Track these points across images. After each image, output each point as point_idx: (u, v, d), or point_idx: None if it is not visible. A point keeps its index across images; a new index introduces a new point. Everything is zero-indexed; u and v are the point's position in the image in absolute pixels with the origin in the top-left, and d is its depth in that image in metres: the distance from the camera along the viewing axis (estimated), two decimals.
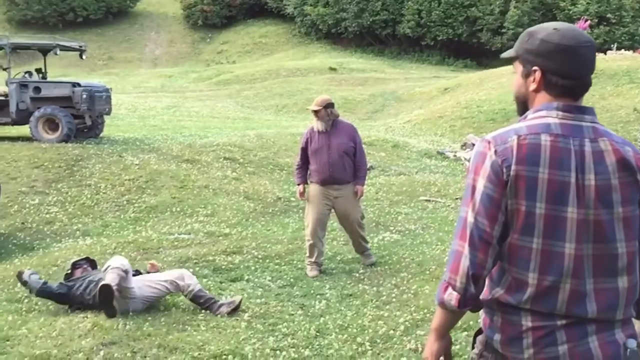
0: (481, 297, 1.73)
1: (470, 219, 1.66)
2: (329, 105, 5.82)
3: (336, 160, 5.76)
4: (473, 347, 1.83)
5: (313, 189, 5.92)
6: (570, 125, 1.67)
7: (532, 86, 1.74)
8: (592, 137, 1.66)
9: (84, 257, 5.42)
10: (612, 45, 24.87)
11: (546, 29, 1.74)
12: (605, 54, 21.37)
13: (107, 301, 4.40)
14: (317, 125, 5.85)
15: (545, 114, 1.69)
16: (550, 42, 1.70)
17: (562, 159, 1.61)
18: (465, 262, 1.66)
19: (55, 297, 4.83)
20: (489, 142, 1.67)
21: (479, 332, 1.83)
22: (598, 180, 1.63)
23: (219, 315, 4.65)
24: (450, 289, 1.71)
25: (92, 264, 5.25)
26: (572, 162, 1.62)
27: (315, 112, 5.83)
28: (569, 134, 1.65)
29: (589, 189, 1.62)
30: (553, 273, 1.62)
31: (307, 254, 5.91)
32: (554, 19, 31.72)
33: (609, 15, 29.68)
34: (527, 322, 1.65)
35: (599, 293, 1.63)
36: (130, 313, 4.70)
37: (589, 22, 24.63)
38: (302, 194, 6.06)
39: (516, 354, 1.67)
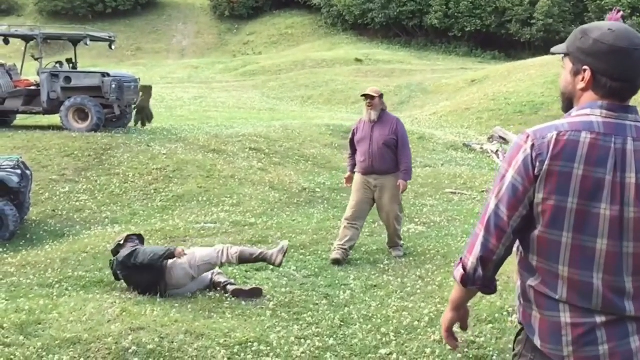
0: (517, 287, 1.77)
1: (492, 205, 1.72)
2: (382, 96, 6.10)
3: (376, 151, 5.91)
4: (514, 349, 1.84)
5: (356, 177, 6.14)
6: (614, 124, 1.66)
7: (580, 85, 1.73)
8: (635, 136, 1.65)
9: (137, 233, 5.58)
10: None
11: (601, 28, 1.71)
12: None
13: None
14: (368, 114, 6.00)
15: (590, 112, 1.69)
16: (603, 43, 1.68)
17: (600, 157, 1.61)
18: (478, 245, 1.73)
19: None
20: (528, 136, 1.69)
21: (520, 332, 1.83)
22: (639, 179, 1.62)
23: (277, 262, 5.00)
24: (461, 266, 1.79)
25: (141, 240, 5.44)
26: (610, 160, 1.61)
27: (372, 99, 5.97)
28: (611, 132, 1.64)
29: (629, 187, 1.61)
30: (584, 267, 1.62)
31: (337, 238, 6.08)
32: (585, 10, 31.16)
33: None
34: (565, 317, 1.65)
35: (639, 291, 1.63)
36: (158, 300, 4.79)
37: (621, 13, 24.12)
38: (347, 180, 6.34)
39: (556, 351, 1.66)
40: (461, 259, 1.80)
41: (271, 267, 5.72)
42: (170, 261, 4.90)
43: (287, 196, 8.94)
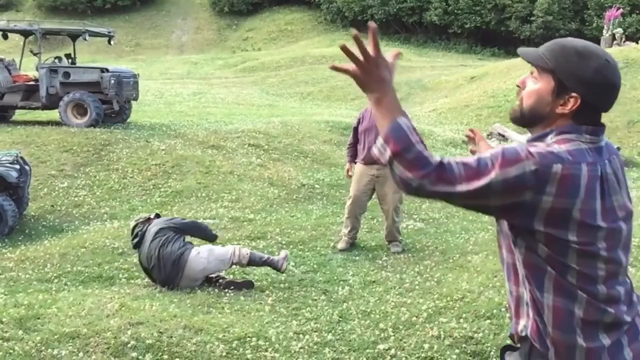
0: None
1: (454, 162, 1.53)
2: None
3: None
4: None
5: (358, 168, 6.18)
6: (596, 149, 1.61)
7: (562, 110, 1.61)
8: (608, 157, 1.63)
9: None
10: None
11: (597, 57, 1.61)
12: (637, 42, 20.90)
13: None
14: None
15: (576, 138, 1.59)
16: (602, 76, 1.60)
17: (593, 187, 1.56)
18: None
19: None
20: (532, 156, 1.52)
21: (506, 348, 1.76)
22: (620, 200, 1.63)
23: (282, 268, 5.18)
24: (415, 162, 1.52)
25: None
26: (598, 188, 1.57)
27: None
28: (597, 160, 1.59)
29: (617, 209, 1.61)
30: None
31: (343, 227, 6.28)
32: (585, 7, 31.13)
33: None
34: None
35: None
36: (157, 295, 4.81)
37: (621, 10, 24.11)
38: (348, 170, 6.38)
39: None
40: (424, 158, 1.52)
41: None
42: (193, 253, 4.98)
43: (286, 192, 8.94)
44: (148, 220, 5.29)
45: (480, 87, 18.73)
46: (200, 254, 5.02)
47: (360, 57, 1.56)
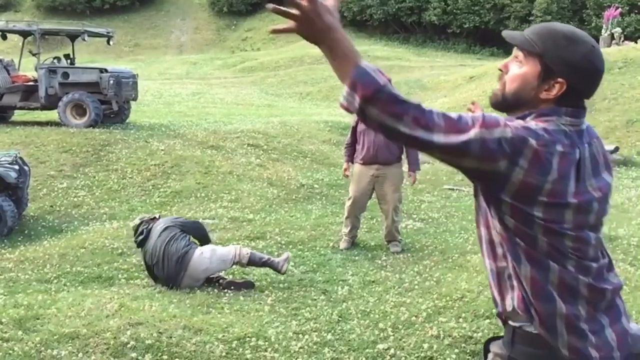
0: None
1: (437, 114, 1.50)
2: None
3: (382, 140, 5.94)
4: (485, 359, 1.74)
5: (357, 168, 6.16)
6: (576, 132, 1.60)
7: (547, 95, 1.60)
8: (588, 141, 1.62)
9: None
10: None
11: (585, 43, 1.60)
12: (636, 42, 20.90)
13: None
14: None
15: (556, 120, 1.58)
16: (589, 61, 1.59)
17: (568, 171, 1.54)
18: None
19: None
20: (508, 125, 1.51)
21: (491, 340, 1.75)
22: (595, 184, 1.61)
23: (283, 269, 5.16)
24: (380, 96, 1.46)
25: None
26: (572, 171, 1.55)
27: None
28: (576, 142, 1.58)
29: (591, 191, 1.60)
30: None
31: (343, 226, 6.30)
32: (584, 6, 31.14)
33: None
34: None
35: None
36: (157, 295, 4.81)
37: (619, 9, 24.12)
38: (346, 170, 6.37)
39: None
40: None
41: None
42: (196, 253, 5.01)
43: (285, 192, 8.94)
44: (153, 219, 5.33)
45: (479, 87, 18.74)
46: (204, 254, 5.04)
47: (295, 11, 1.45)
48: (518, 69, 1.64)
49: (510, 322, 1.66)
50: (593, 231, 1.62)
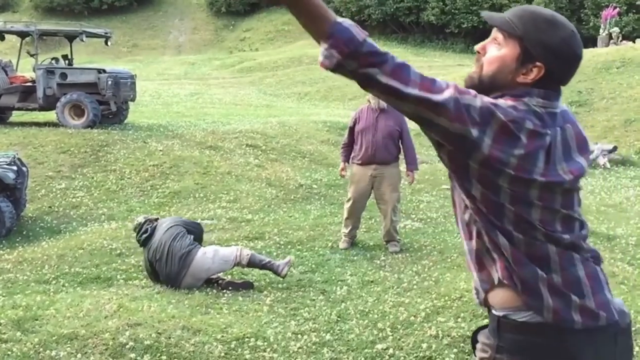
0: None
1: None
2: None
3: (380, 140, 5.95)
4: (474, 351, 1.72)
5: (355, 169, 6.16)
6: (549, 114, 1.58)
7: (523, 79, 1.58)
8: (561, 124, 1.61)
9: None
10: None
11: (565, 27, 1.59)
12: (634, 42, 20.94)
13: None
14: (377, 102, 5.98)
15: (527, 101, 1.57)
16: (569, 47, 1.58)
17: (537, 151, 1.53)
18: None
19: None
20: (479, 98, 1.51)
21: (478, 331, 1.75)
22: (566, 168, 1.60)
23: (283, 273, 5.12)
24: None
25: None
26: (542, 153, 1.54)
27: None
28: (547, 125, 1.56)
29: (562, 174, 1.58)
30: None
31: (343, 227, 6.30)
32: (582, 6, 31.17)
33: (638, 2, 29.03)
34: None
35: None
36: (155, 296, 4.80)
37: (617, 9, 24.15)
38: (342, 170, 6.39)
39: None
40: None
41: None
42: (200, 252, 5.04)
43: (283, 192, 8.94)
44: (157, 220, 5.37)
45: None
46: (207, 254, 5.07)
47: None
48: (497, 51, 1.62)
49: (494, 312, 1.65)
50: (565, 206, 1.60)
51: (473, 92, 1.53)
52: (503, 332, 1.63)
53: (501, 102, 1.54)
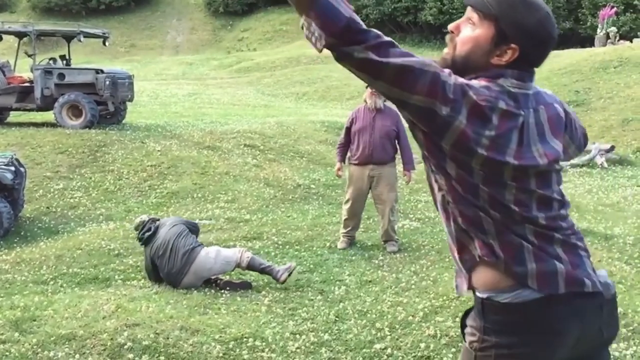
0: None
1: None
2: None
3: (377, 140, 5.96)
4: (464, 337, 1.72)
5: (352, 169, 6.17)
6: (522, 95, 1.57)
7: (497, 61, 1.57)
8: (534, 106, 1.60)
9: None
10: (638, 33, 24.41)
11: (540, 8, 1.57)
12: (632, 41, 20.97)
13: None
14: (373, 102, 5.99)
15: (502, 82, 1.56)
16: (544, 28, 1.57)
17: (509, 132, 1.53)
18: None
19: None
20: (451, 73, 1.50)
21: (466, 315, 1.73)
22: (541, 150, 1.59)
23: (281, 279, 5.05)
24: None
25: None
26: (516, 134, 1.53)
27: None
28: (520, 106, 1.55)
29: (537, 157, 1.58)
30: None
31: (342, 227, 6.27)
32: (579, 6, 31.20)
33: (636, 2, 29.07)
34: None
35: None
36: (154, 296, 4.80)
37: (615, 9, 24.18)
38: (339, 170, 6.36)
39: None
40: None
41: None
42: (203, 252, 5.08)
43: (282, 192, 8.94)
44: (158, 220, 5.39)
45: None
46: (209, 254, 5.10)
47: None
48: (471, 31, 1.59)
49: (478, 294, 1.65)
50: (541, 186, 1.60)
51: (448, 70, 1.52)
52: (488, 314, 1.62)
53: (474, 82, 1.54)
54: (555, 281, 1.57)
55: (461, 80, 1.51)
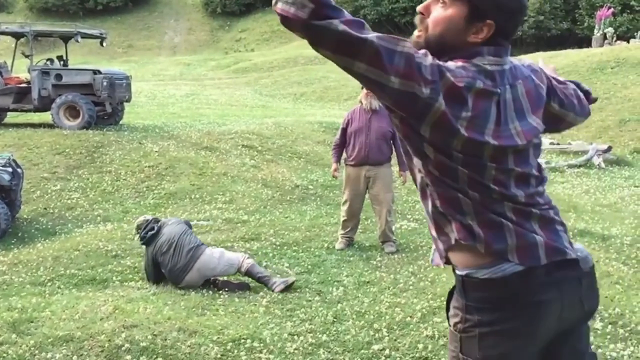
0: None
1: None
2: None
3: (373, 141, 5.96)
4: (448, 320, 1.71)
5: (348, 170, 6.17)
6: (498, 72, 1.55)
7: (474, 38, 1.55)
8: (510, 82, 1.58)
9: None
10: (635, 34, 24.46)
11: None
12: (629, 42, 21.02)
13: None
14: (368, 102, 6.00)
15: (478, 60, 1.54)
16: (517, 1, 1.56)
17: (487, 110, 1.52)
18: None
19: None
20: (427, 55, 1.48)
21: (450, 297, 1.72)
22: (519, 127, 1.59)
23: (276, 289, 4.98)
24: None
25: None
26: (493, 112, 1.52)
27: None
28: (496, 83, 1.54)
29: (515, 135, 1.57)
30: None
31: (340, 228, 6.29)
32: (576, 6, 31.27)
33: (632, 2, 29.14)
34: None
35: None
36: (151, 297, 4.80)
37: (612, 9, 24.23)
38: (335, 170, 6.38)
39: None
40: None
41: (264, 264, 5.76)
42: (208, 251, 5.13)
43: (279, 193, 8.94)
44: (160, 220, 5.42)
45: None
46: (214, 254, 5.14)
47: None
48: (442, 10, 1.56)
49: (457, 271, 1.64)
50: (519, 164, 1.59)
51: (423, 50, 1.50)
52: (468, 291, 1.61)
53: (450, 64, 1.52)
54: (536, 253, 1.57)
55: (437, 61, 1.49)
